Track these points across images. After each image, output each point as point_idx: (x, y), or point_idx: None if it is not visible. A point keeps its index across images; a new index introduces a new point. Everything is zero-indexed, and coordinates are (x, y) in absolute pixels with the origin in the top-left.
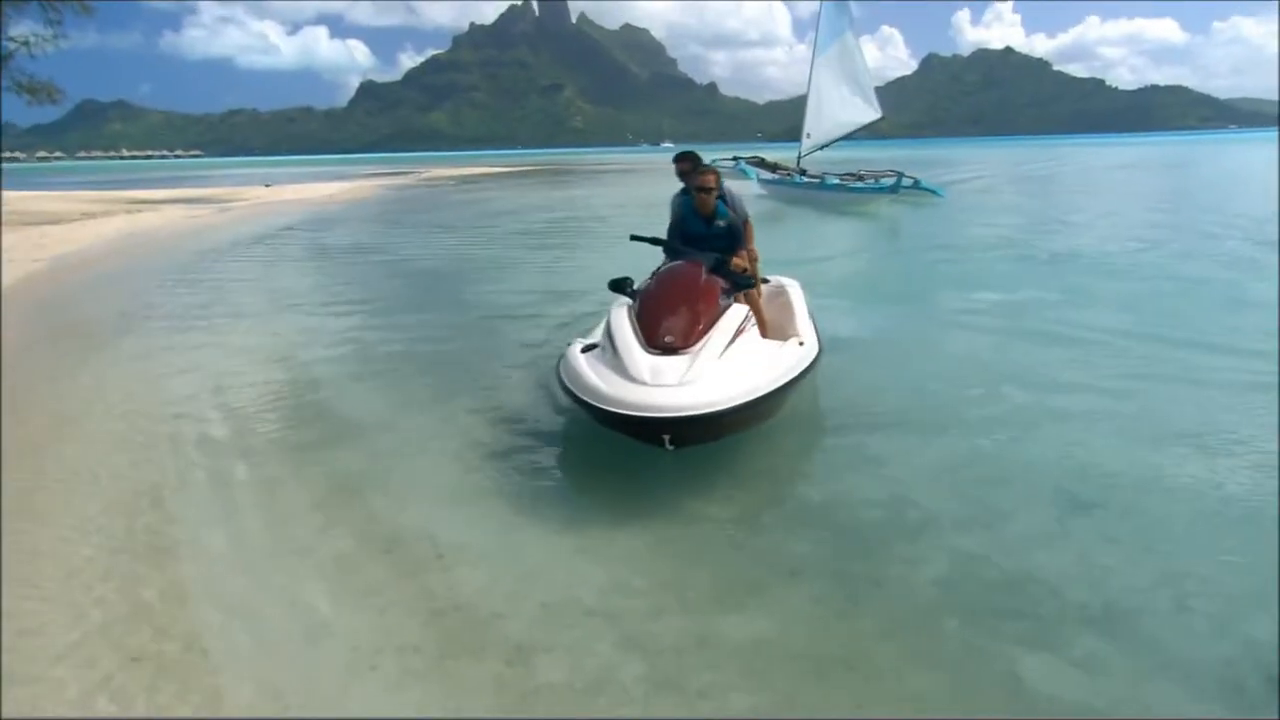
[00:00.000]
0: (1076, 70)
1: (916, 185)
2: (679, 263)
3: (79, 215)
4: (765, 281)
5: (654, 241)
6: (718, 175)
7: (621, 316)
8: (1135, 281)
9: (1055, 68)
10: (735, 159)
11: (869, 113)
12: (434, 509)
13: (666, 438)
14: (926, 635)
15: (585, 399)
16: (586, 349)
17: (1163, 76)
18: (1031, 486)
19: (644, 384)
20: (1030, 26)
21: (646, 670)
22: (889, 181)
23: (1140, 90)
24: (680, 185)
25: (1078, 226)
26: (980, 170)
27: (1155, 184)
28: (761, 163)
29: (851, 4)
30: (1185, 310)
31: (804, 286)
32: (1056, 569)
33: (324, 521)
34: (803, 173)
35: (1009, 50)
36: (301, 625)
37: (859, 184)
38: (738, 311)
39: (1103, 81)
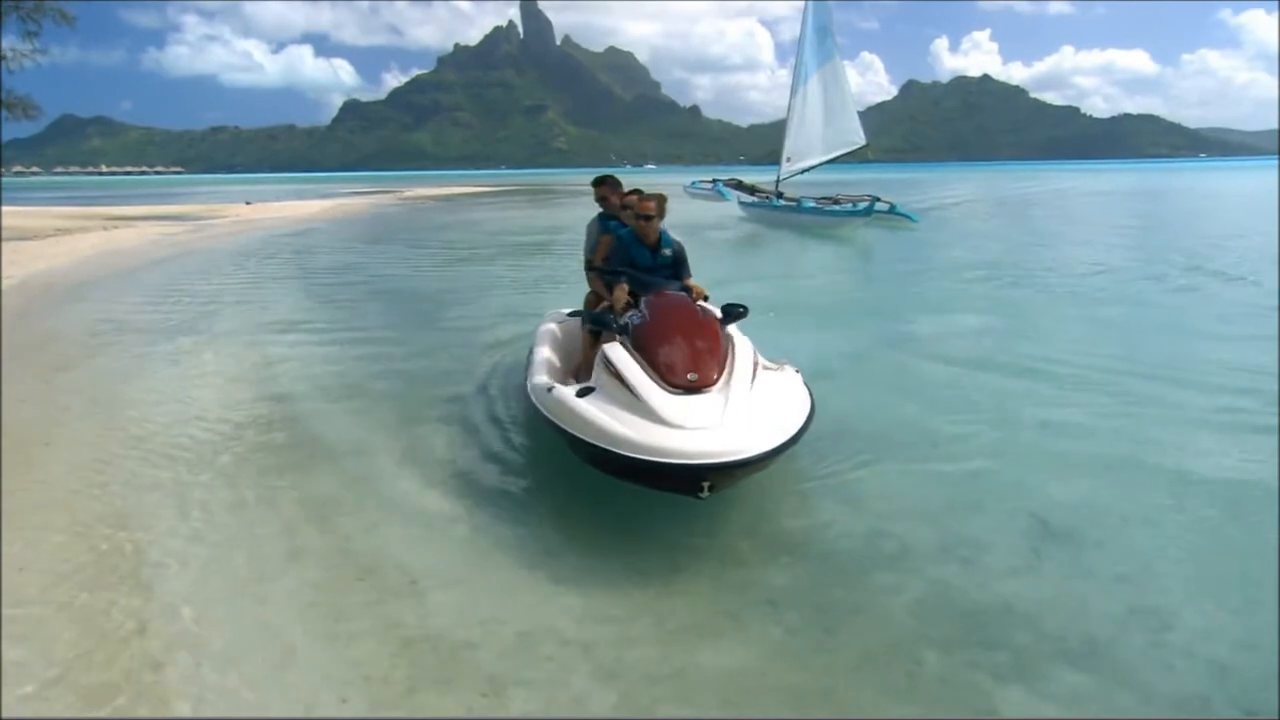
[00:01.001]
0: (1052, 98)
1: (892, 210)
2: (669, 294)
3: (52, 231)
4: None
5: (614, 273)
6: (661, 201)
7: (622, 354)
8: (1103, 310)
9: (1031, 95)
10: (714, 181)
11: (853, 139)
12: (407, 536)
13: (706, 484)
14: (904, 666)
15: (612, 449)
16: (583, 392)
17: (1135, 105)
18: (1006, 516)
19: (681, 428)
20: (1007, 55)
21: (621, 701)
22: (864, 205)
23: (1114, 118)
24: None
25: (1047, 256)
26: (957, 195)
27: (1131, 210)
28: (739, 185)
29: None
30: (1151, 341)
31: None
32: (1033, 600)
33: (295, 547)
34: (780, 195)
35: (986, 78)
36: (271, 654)
37: (835, 207)
38: (745, 343)
39: (1077, 109)
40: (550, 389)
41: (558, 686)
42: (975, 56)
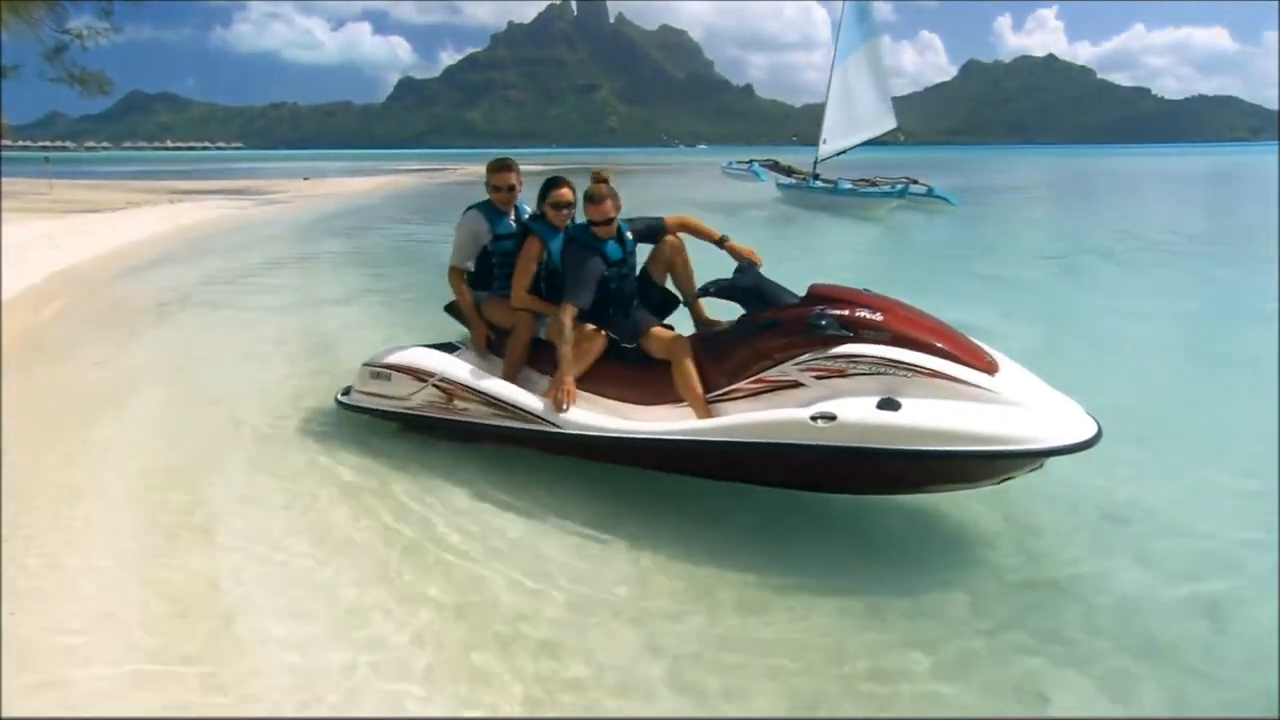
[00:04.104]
0: (1121, 79)
1: (930, 193)
2: (848, 287)
3: (123, 204)
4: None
5: (739, 290)
6: (616, 199)
7: (909, 351)
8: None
9: (1099, 76)
10: (750, 162)
11: (885, 122)
12: (462, 504)
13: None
14: (955, 645)
15: (1018, 449)
16: (887, 404)
17: (1211, 86)
18: (1066, 501)
19: (1031, 406)
20: (1073, 34)
21: (670, 671)
22: (900, 187)
23: (1187, 100)
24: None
25: (1086, 245)
26: (1007, 178)
27: (1196, 198)
28: (775, 165)
29: (876, 7)
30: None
31: None
32: (1088, 584)
33: (352, 511)
34: (816, 177)
35: (1051, 57)
36: (330, 614)
37: (871, 189)
38: None
39: (1148, 90)
40: (828, 417)
41: (609, 654)
42: (1039, 35)
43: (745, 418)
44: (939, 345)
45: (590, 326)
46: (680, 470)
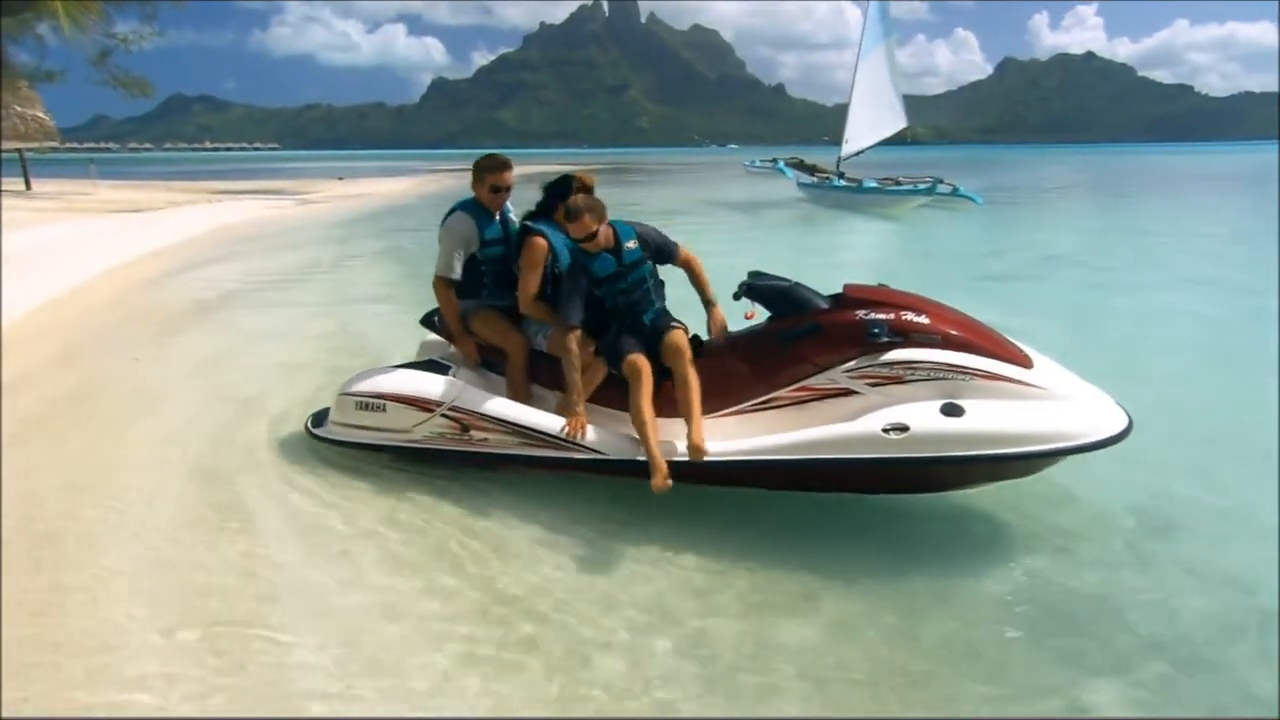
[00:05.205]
0: (1162, 76)
1: (955, 192)
2: (900, 291)
3: (164, 204)
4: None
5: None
6: (599, 211)
7: (965, 355)
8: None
9: (1139, 73)
10: (774, 160)
11: (897, 121)
12: (499, 503)
13: None
14: (989, 653)
15: (1082, 442)
16: (951, 410)
17: (1257, 83)
18: (1098, 506)
19: (1075, 400)
20: (1112, 31)
21: (702, 671)
22: (925, 186)
23: (1231, 97)
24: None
25: (1114, 252)
26: (1039, 177)
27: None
28: (800, 164)
29: (910, 6)
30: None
31: None
32: (1125, 594)
33: (389, 508)
34: (841, 175)
35: (1090, 55)
36: (365, 606)
37: (896, 188)
38: None
39: (1191, 87)
40: (900, 428)
41: (639, 652)
42: (1078, 33)
43: (813, 433)
44: (986, 346)
45: (590, 349)
46: (738, 485)
